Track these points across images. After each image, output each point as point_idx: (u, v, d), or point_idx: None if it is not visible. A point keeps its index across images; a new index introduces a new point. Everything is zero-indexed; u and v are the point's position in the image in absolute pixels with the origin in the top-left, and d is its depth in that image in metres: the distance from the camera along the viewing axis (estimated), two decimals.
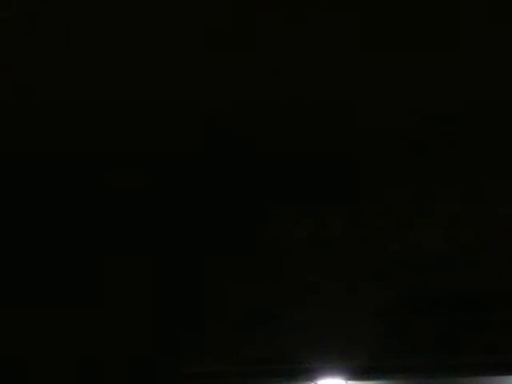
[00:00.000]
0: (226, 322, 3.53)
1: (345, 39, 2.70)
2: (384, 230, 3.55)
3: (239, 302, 3.54)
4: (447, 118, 3.12)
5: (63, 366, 3.55)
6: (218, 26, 2.63)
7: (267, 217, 3.61)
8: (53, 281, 3.64)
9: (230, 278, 3.58)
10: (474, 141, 3.27)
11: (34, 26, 2.60)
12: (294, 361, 3.44)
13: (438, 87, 2.95)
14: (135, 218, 3.63)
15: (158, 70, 2.84)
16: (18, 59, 2.77)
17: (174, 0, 2.52)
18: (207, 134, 3.23)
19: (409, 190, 3.54)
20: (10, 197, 3.52)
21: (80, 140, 3.23)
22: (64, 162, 3.35)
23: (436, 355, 3.40)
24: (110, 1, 2.50)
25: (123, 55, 2.78)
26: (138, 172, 3.46)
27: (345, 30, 2.66)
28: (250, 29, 2.64)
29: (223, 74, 2.88)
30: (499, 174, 3.43)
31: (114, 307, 3.59)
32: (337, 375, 3.45)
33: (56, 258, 3.65)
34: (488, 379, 3.43)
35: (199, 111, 3.08)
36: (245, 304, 3.54)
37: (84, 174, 3.44)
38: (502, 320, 3.36)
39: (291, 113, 3.10)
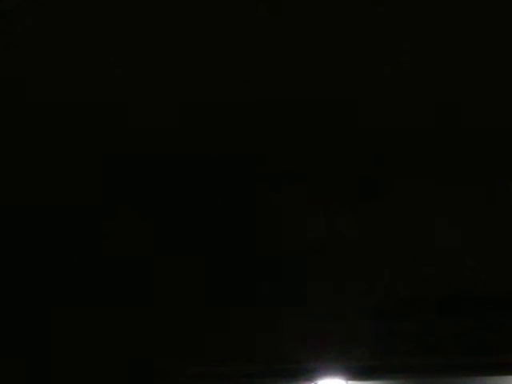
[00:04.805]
0: (226, 322, 3.53)
1: (346, 44, 2.70)
2: (385, 230, 3.55)
3: (239, 302, 3.54)
4: (456, 114, 3.12)
5: (63, 366, 3.55)
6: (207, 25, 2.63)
7: (267, 217, 3.61)
8: (52, 280, 3.65)
9: (230, 278, 3.58)
10: (483, 140, 3.27)
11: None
12: (294, 361, 3.43)
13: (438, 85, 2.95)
14: (143, 219, 3.64)
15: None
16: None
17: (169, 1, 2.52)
18: (213, 131, 3.24)
19: (410, 190, 3.54)
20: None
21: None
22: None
23: (436, 355, 3.39)
24: None
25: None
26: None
27: (344, 30, 2.66)
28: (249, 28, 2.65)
29: (224, 72, 2.88)
30: (506, 173, 3.44)
31: (115, 307, 3.59)
32: (337, 375, 3.45)
33: (53, 257, 3.65)
34: (488, 379, 3.43)
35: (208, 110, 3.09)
36: (245, 304, 3.54)
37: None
38: (501, 320, 3.36)
39: (293, 112, 3.11)
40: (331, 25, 2.62)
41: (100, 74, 2.85)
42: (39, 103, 3.00)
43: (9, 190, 3.50)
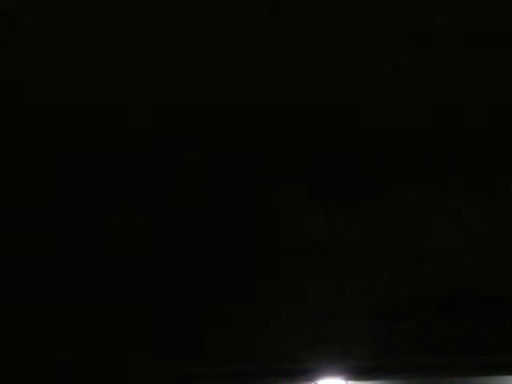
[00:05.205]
0: (226, 322, 3.53)
1: (348, 38, 2.70)
2: (385, 230, 3.55)
3: (239, 302, 3.54)
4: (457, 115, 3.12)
5: (64, 366, 3.55)
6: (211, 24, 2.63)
7: (267, 217, 3.61)
8: (52, 280, 3.64)
9: (230, 278, 3.58)
10: (483, 140, 3.27)
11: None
12: (294, 361, 3.43)
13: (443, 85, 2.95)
14: (143, 219, 3.64)
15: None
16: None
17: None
18: (210, 132, 3.23)
19: (410, 190, 3.54)
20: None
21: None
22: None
23: (436, 355, 3.39)
24: None
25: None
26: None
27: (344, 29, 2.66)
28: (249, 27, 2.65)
29: (226, 72, 2.88)
30: (506, 173, 3.44)
31: (115, 307, 3.59)
32: (337, 375, 3.45)
33: (53, 257, 3.65)
34: (488, 379, 3.43)
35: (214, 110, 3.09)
36: (245, 304, 3.54)
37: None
38: (501, 320, 3.36)
39: (293, 112, 3.11)
40: (331, 25, 2.62)
41: (100, 74, 2.85)
42: (39, 103, 3.00)
43: (8, 189, 3.50)
